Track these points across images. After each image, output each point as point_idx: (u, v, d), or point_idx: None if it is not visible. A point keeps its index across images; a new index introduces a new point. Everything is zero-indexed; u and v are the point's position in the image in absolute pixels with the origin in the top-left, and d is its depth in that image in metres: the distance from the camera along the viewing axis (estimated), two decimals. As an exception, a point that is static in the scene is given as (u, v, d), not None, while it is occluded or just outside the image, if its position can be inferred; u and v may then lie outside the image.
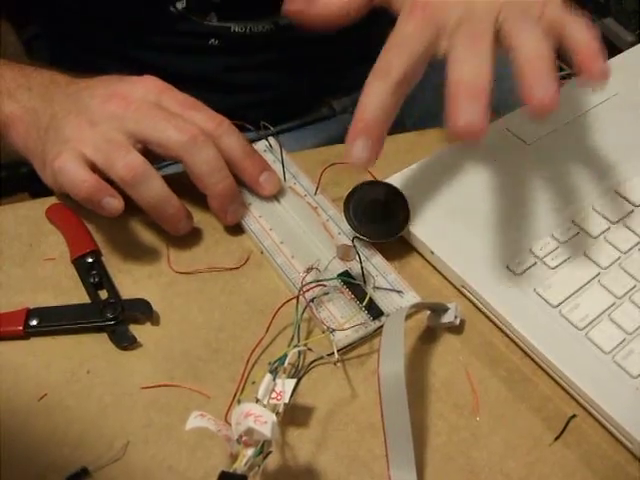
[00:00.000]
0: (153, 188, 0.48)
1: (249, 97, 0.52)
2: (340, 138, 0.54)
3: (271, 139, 0.57)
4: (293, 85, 0.48)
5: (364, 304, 0.46)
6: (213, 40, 0.68)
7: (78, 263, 0.50)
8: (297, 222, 0.52)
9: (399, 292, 0.47)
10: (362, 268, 0.47)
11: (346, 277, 0.48)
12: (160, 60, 0.51)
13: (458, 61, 0.41)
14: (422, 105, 0.64)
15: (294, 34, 0.69)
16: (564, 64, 0.47)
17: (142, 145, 0.49)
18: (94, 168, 0.48)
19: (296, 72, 0.61)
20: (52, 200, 0.54)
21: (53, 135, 0.50)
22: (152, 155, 0.50)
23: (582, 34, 0.42)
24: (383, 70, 0.42)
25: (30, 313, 0.47)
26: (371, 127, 0.42)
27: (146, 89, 0.51)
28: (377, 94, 0.42)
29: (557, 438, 0.42)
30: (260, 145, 0.57)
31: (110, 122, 0.49)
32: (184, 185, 0.51)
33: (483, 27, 0.42)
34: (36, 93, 0.53)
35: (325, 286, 0.47)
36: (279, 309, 0.45)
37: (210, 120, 0.51)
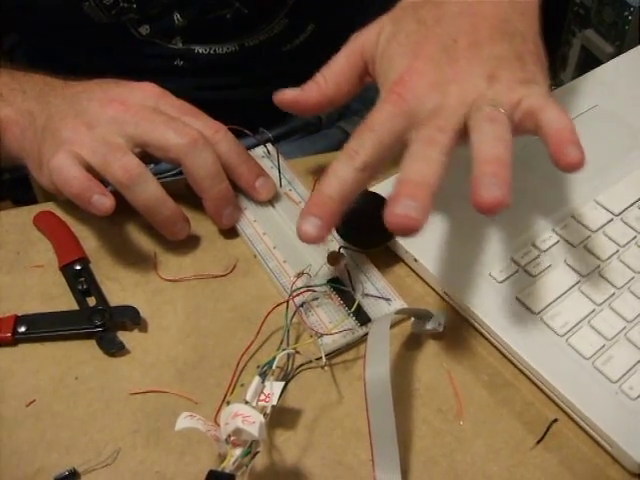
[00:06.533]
0: (149, 190, 0.49)
1: (225, 111, 0.52)
2: (336, 148, 0.54)
3: (269, 145, 0.58)
4: (266, 98, 0.49)
5: (352, 310, 0.47)
6: (178, 61, 0.69)
7: (66, 270, 0.50)
8: (291, 228, 0.52)
9: (387, 300, 0.48)
10: (349, 275, 0.48)
11: (336, 283, 0.48)
12: (129, 80, 0.53)
13: (410, 159, 0.41)
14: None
15: (261, 54, 0.69)
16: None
17: (140, 149, 0.50)
18: (90, 170, 0.48)
19: (266, 87, 0.61)
20: (40, 207, 0.55)
21: (50, 137, 0.50)
22: (148, 158, 0.50)
23: (556, 121, 0.40)
24: (350, 153, 0.42)
25: (18, 320, 0.47)
26: (327, 205, 0.41)
27: (144, 94, 0.52)
28: (340, 176, 0.41)
29: (539, 442, 0.43)
30: (258, 151, 0.58)
31: (109, 126, 0.50)
32: (176, 193, 0.51)
33: (447, 124, 0.41)
34: (30, 95, 0.53)
35: (315, 291, 0.48)
36: (269, 313, 0.46)
37: (208, 126, 0.51)
